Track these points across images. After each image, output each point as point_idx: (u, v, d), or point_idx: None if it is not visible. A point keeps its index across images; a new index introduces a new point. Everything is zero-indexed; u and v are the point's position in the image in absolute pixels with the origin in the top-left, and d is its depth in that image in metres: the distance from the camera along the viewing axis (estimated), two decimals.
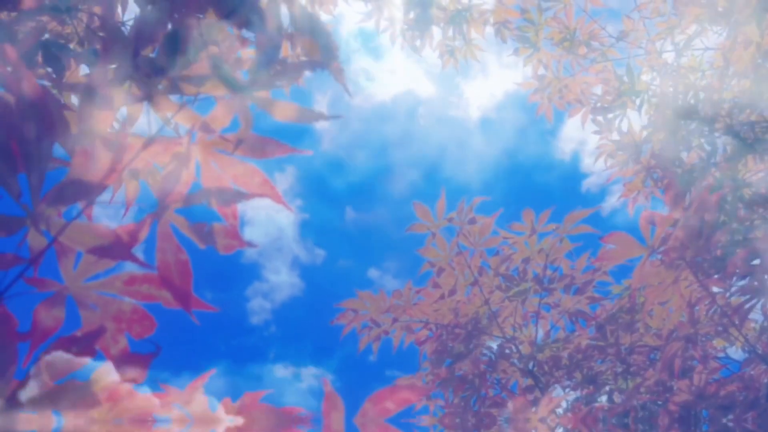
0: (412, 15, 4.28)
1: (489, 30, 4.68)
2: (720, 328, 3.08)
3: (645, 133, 4.37)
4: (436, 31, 4.58)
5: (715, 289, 3.00)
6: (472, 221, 3.73)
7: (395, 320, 3.86)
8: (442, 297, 3.79)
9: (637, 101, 4.46)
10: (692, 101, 4.10)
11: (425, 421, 3.93)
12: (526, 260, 3.81)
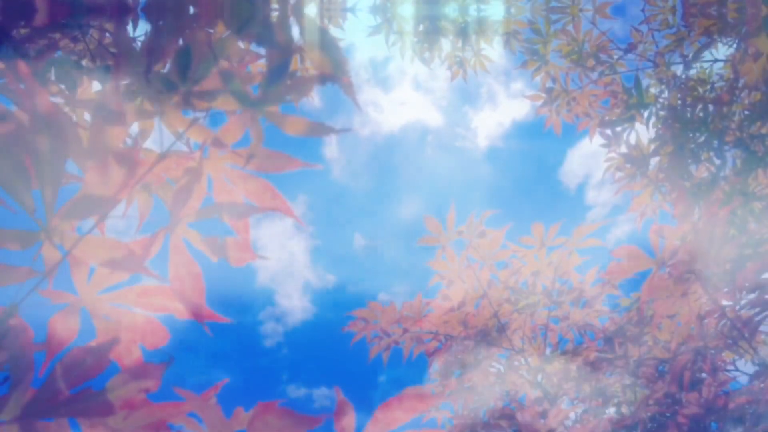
0: (421, 27, 4.30)
1: (498, 41, 4.70)
2: (729, 341, 3.07)
3: (653, 146, 4.36)
4: (445, 43, 4.60)
5: (724, 303, 3.00)
6: (482, 234, 3.74)
7: (405, 331, 3.87)
8: (451, 309, 3.79)
9: (646, 114, 4.46)
10: (701, 114, 4.10)
11: None
12: (536, 273, 3.82)
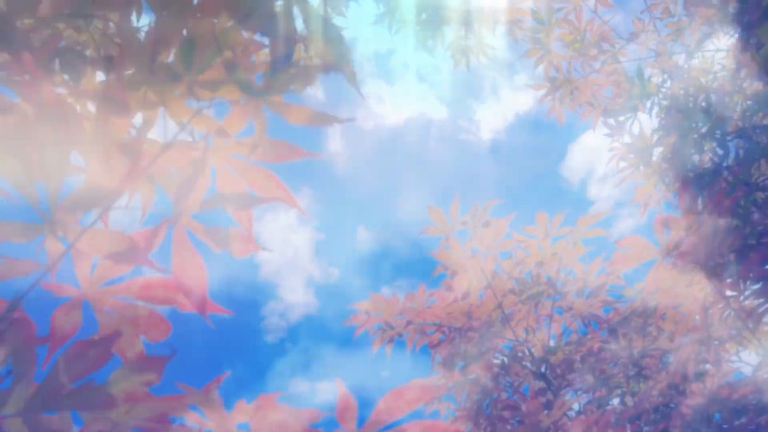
0: (423, 16, 4.27)
1: (501, 30, 4.68)
2: (733, 332, 3.07)
3: (656, 136, 4.34)
4: (448, 31, 4.57)
5: (728, 293, 2.99)
6: (486, 224, 3.73)
7: (409, 323, 3.86)
8: (455, 300, 3.79)
9: (649, 104, 4.44)
10: (704, 104, 4.08)
11: None
12: (540, 264, 3.81)
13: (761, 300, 2.98)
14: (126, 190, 1.14)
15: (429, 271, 3.91)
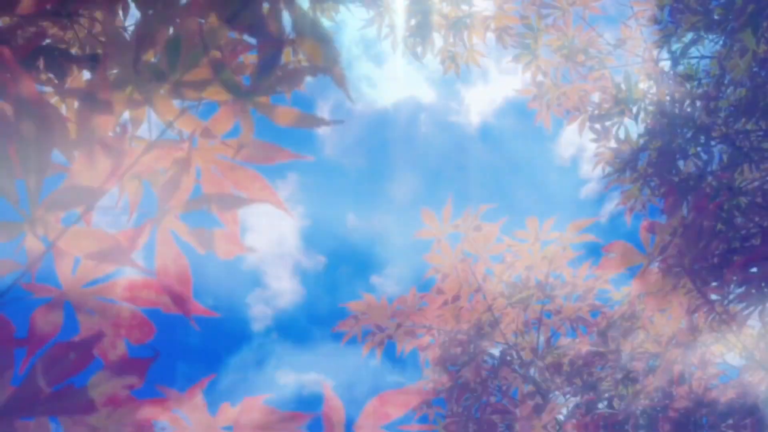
0: (413, 22, 4.27)
1: (490, 36, 4.68)
2: (719, 335, 3.08)
3: (642, 141, 4.36)
4: (438, 38, 4.57)
5: (713, 297, 3.01)
6: (478, 228, 3.76)
7: (399, 326, 3.87)
8: (445, 303, 3.81)
9: (635, 109, 4.46)
10: (689, 109, 4.10)
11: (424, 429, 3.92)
12: (530, 267, 3.84)
13: (745, 303, 3.00)
14: (109, 188, 1.12)
15: (418, 255, 3.94)
